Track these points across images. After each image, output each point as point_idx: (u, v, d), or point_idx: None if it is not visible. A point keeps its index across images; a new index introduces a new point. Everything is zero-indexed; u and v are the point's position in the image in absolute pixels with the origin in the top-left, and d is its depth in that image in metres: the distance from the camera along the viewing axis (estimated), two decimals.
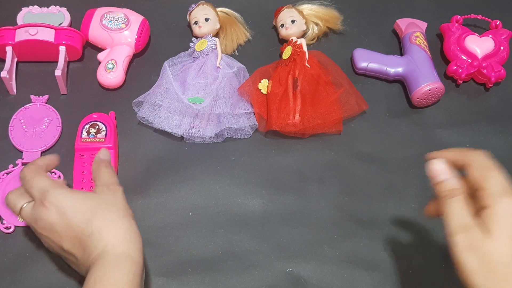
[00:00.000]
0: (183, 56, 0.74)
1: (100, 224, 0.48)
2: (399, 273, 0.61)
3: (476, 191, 0.46)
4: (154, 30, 0.78)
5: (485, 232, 0.42)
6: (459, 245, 0.42)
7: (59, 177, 0.65)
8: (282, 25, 0.75)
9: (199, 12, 0.74)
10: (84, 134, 0.66)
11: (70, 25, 0.77)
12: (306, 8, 0.77)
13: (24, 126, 0.68)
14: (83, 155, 0.65)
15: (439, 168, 0.47)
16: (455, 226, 0.43)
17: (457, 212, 0.44)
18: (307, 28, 0.76)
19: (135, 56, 0.76)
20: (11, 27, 0.72)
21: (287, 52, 0.72)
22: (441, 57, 0.78)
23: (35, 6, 0.78)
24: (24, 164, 0.66)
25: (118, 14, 0.74)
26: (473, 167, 0.46)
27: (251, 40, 0.78)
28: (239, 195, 0.65)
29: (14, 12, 0.77)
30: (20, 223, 0.62)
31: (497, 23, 0.78)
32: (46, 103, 0.71)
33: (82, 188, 0.63)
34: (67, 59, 0.74)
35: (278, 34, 0.77)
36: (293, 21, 0.74)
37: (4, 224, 0.62)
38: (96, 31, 0.73)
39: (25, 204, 0.52)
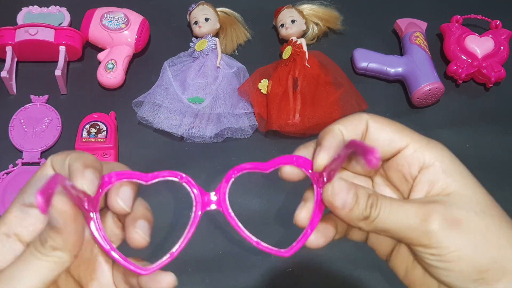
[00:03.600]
0: (183, 56, 0.74)
1: None
2: None
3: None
4: (154, 30, 0.78)
5: (446, 198, 0.30)
6: (437, 227, 0.29)
7: None
8: (282, 25, 0.75)
9: (199, 12, 0.74)
10: (85, 134, 0.66)
11: (70, 25, 0.77)
12: (306, 8, 0.77)
13: (24, 126, 0.68)
14: None
15: (343, 188, 0.30)
16: (411, 218, 0.29)
17: (404, 207, 0.30)
18: (307, 28, 0.76)
19: (135, 56, 0.76)
20: (11, 27, 0.72)
21: (287, 52, 0.72)
22: (441, 57, 0.78)
23: (35, 6, 0.78)
24: (24, 164, 0.66)
25: (118, 14, 0.74)
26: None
27: (251, 40, 0.78)
28: (239, 195, 0.65)
29: (14, 12, 0.77)
30: None
31: (497, 23, 0.77)
32: (46, 103, 0.71)
33: None
34: (67, 59, 0.74)
35: (278, 34, 0.77)
36: (293, 21, 0.74)
37: None
38: (96, 31, 0.73)
39: None
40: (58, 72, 0.70)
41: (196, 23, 0.74)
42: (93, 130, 0.67)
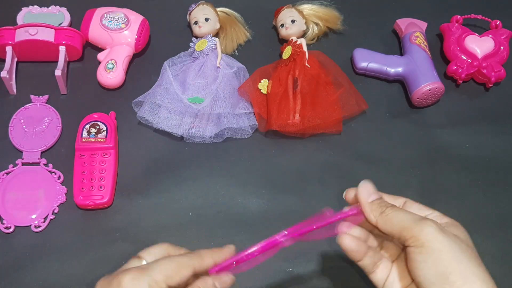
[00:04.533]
0: (183, 56, 0.74)
1: None
2: None
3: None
4: (154, 30, 0.78)
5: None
6: (430, 226, 0.40)
7: (59, 177, 0.65)
8: (282, 25, 0.75)
9: (199, 12, 0.74)
10: (85, 134, 0.66)
11: (70, 25, 0.77)
12: (306, 8, 0.77)
13: (24, 126, 0.68)
14: (84, 155, 0.65)
15: (370, 187, 0.45)
16: (413, 219, 0.41)
17: (408, 212, 0.43)
18: (307, 28, 0.76)
19: (135, 56, 0.76)
20: (11, 27, 0.72)
21: (287, 52, 0.72)
22: (441, 57, 0.78)
23: (35, 6, 0.78)
24: (24, 164, 0.66)
25: (118, 14, 0.74)
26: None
27: (251, 40, 0.78)
28: (239, 195, 0.65)
29: (14, 12, 0.77)
30: (20, 223, 0.62)
31: (497, 23, 0.78)
32: (46, 103, 0.71)
33: (82, 189, 0.63)
34: (67, 59, 0.74)
35: (278, 34, 0.77)
36: (293, 21, 0.74)
37: (4, 224, 0.62)
38: (96, 31, 0.73)
39: None
40: (58, 72, 0.70)
41: (196, 23, 0.74)
42: (93, 130, 0.67)
